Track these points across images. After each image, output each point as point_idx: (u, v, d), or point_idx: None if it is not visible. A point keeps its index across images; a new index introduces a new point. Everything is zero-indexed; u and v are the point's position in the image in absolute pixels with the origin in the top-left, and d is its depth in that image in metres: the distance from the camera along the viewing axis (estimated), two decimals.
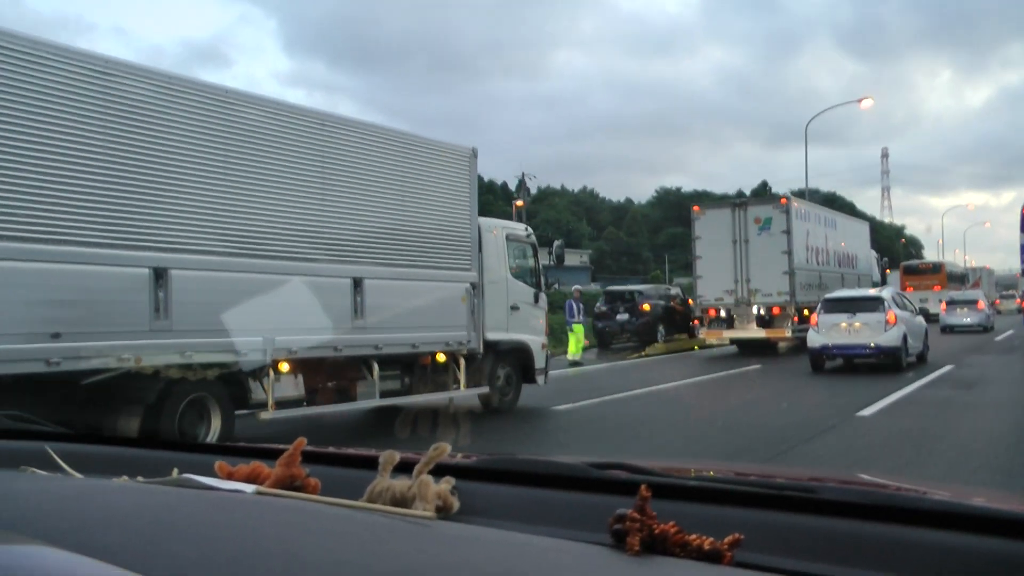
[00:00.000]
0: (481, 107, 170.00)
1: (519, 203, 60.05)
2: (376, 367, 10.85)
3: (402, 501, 1.37)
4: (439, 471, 1.45)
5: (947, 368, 19.43)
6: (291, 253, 9.69)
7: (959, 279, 55.07)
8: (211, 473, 1.50)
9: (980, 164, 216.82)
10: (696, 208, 26.96)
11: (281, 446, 1.59)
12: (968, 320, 37.40)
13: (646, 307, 30.04)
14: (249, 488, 1.41)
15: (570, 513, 1.37)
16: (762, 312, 24.97)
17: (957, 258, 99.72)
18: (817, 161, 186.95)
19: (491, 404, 12.89)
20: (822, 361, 19.97)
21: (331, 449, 1.94)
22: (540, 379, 13.99)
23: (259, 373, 9.52)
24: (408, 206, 11.23)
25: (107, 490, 1.31)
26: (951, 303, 38.70)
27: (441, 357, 11.98)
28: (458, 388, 12.19)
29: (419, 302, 11.23)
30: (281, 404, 9.91)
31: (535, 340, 13.80)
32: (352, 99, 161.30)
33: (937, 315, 38.55)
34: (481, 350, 12.48)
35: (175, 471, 1.51)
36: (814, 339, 19.90)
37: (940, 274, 52.41)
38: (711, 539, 1.09)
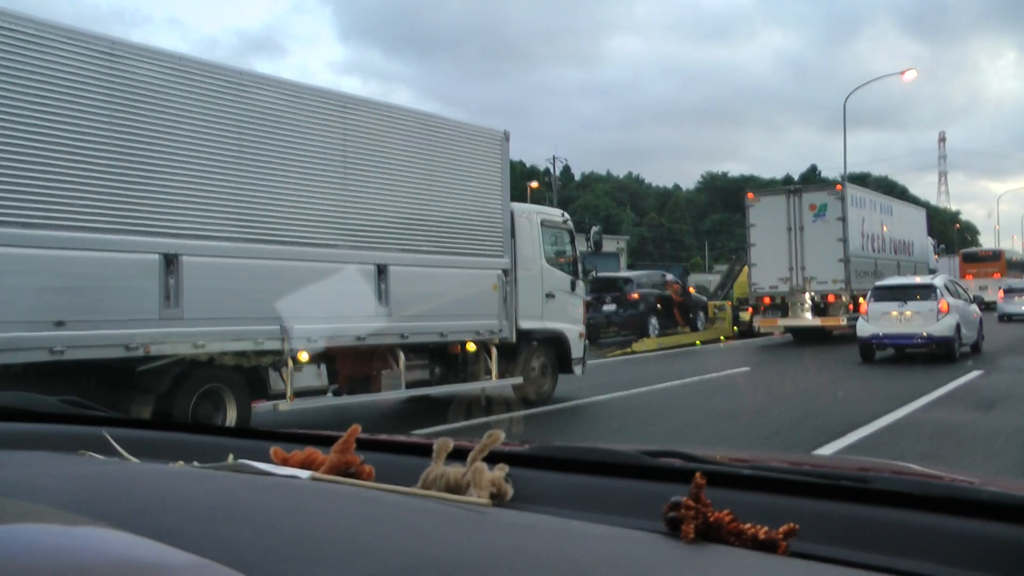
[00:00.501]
0: (535, 95, 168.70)
1: (534, 184, 59.09)
2: (403, 357, 10.53)
3: (456, 488, 1.38)
4: (492, 459, 1.45)
5: (1005, 360, 18.69)
6: (310, 239, 9.40)
7: (1019, 267, 53.93)
8: (266, 459, 1.51)
9: None
10: (751, 195, 26.77)
11: (335, 433, 1.60)
12: None
13: (635, 296, 27.55)
14: (304, 474, 1.41)
15: (624, 501, 1.37)
16: (817, 300, 24.66)
17: (1016, 244, 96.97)
18: (874, 145, 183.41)
19: (526, 395, 12.51)
20: (872, 351, 19.29)
21: (385, 436, 1.96)
22: (578, 369, 13.59)
23: (277, 363, 9.26)
24: (436, 191, 10.88)
25: (165, 475, 1.33)
26: (1009, 291, 37.93)
27: (471, 346, 11.63)
28: (490, 378, 11.84)
29: (448, 289, 10.90)
30: (302, 394, 9.67)
31: (572, 329, 13.39)
32: (408, 86, 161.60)
33: (995, 303, 38.05)
34: (514, 339, 12.10)
35: (231, 456, 1.53)
36: (864, 328, 19.24)
37: (1000, 261, 51.84)
38: (766, 528, 1.09)
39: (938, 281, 19.80)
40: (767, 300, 25.43)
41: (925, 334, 18.39)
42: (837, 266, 24.33)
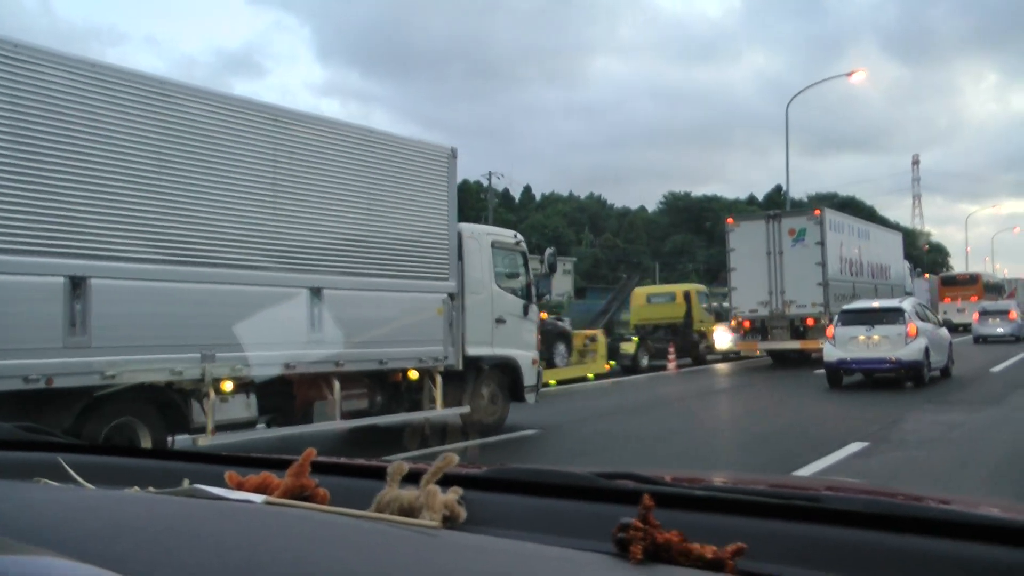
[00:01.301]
0: (518, 115, 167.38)
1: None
2: (338, 385, 9.90)
3: (410, 511, 1.37)
4: (447, 481, 1.45)
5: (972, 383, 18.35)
6: (237, 260, 8.77)
7: (995, 289, 55.85)
8: (221, 483, 1.50)
9: (1023, 171, 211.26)
10: (730, 220, 27.19)
11: (291, 457, 1.58)
12: (1000, 330, 37.45)
13: None
14: (258, 498, 1.41)
15: (576, 523, 1.37)
16: (796, 323, 24.99)
17: (987, 266, 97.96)
18: (855, 168, 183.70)
19: (474, 424, 11.91)
20: (839, 376, 18.89)
21: (340, 460, 1.94)
22: (531, 397, 13.04)
23: (198, 393, 8.61)
24: (376, 210, 10.28)
25: (118, 500, 1.32)
26: (983, 313, 39.18)
27: (413, 374, 11.03)
28: (434, 407, 11.22)
29: (388, 314, 10.30)
30: (228, 427, 9.01)
31: (524, 355, 12.84)
32: (387, 108, 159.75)
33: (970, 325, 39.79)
34: (461, 366, 11.51)
35: (186, 481, 1.53)
36: (830, 353, 18.79)
37: (977, 285, 53.39)
38: (714, 548, 1.10)
39: (906, 304, 19.40)
40: (747, 324, 25.69)
41: (893, 358, 17.95)
42: (816, 290, 24.70)
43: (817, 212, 25.92)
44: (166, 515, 1.19)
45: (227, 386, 8.83)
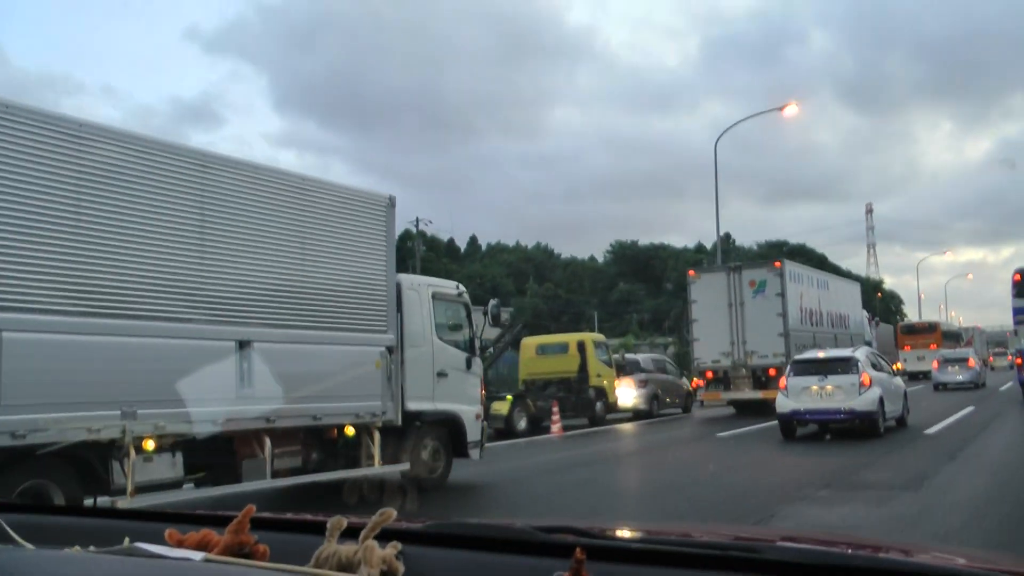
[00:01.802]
0: (476, 166, 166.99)
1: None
2: (268, 443, 9.44)
3: (348, 566, 1.38)
4: (386, 536, 1.47)
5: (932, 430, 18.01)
6: (159, 312, 8.35)
7: (954, 337, 57.58)
8: (162, 541, 1.51)
9: (978, 219, 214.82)
10: (692, 272, 27.60)
11: (232, 513, 1.57)
12: (960, 378, 38.13)
13: None
14: (198, 556, 1.42)
15: None
16: (759, 373, 25.26)
17: (941, 313, 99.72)
18: (812, 217, 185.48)
19: (415, 481, 11.46)
20: (793, 428, 18.66)
21: (280, 515, 1.95)
22: (475, 453, 12.64)
23: (117, 453, 8.12)
24: (310, 259, 9.93)
25: (58, 561, 1.34)
26: (943, 361, 39.89)
27: (350, 430, 10.59)
28: (372, 464, 10.78)
29: (322, 368, 9.90)
30: (152, 488, 8.51)
31: (468, 410, 12.46)
32: (344, 159, 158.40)
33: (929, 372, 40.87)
34: (400, 422, 11.10)
35: (126, 540, 1.52)
36: (783, 404, 18.58)
37: (935, 333, 54.70)
38: None
39: (859, 354, 19.25)
40: (709, 374, 26.02)
41: (847, 408, 17.75)
42: (777, 340, 25.06)
43: (777, 264, 26.37)
44: (105, 574, 1.21)
45: (150, 445, 8.35)
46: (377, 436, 10.77)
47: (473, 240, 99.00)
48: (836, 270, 60.88)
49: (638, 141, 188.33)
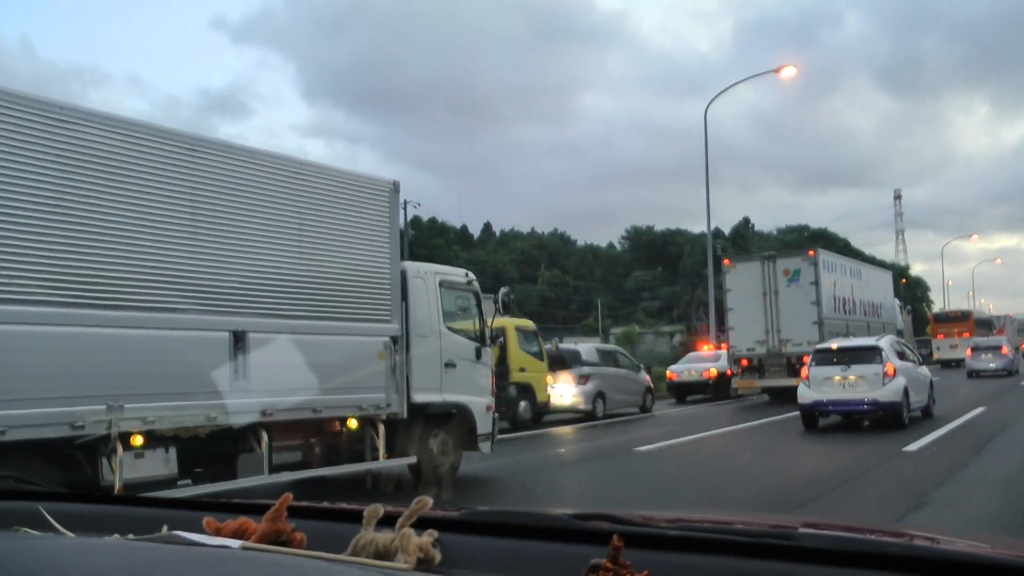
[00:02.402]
0: (505, 154, 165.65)
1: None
2: (266, 437, 9.10)
3: (384, 554, 1.39)
4: (422, 524, 1.47)
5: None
6: (148, 302, 8.01)
7: (986, 325, 57.92)
8: (199, 529, 1.52)
9: (1013, 204, 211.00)
10: (727, 261, 28.34)
11: (268, 501, 1.58)
12: (993, 365, 38.86)
13: None
14: (235, 543, 1.44)
15: (550, 564, 1.39)
16: (793, 361, 25.44)
17: (970, 300, 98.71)
18: (843, 203, 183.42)
19: (423, 475, 11.10)
20: (815, 419, 18.20)
21: (317, 504, 1.94)
22: (485, 446, 12.25)
23: (103, 449, 7.80)
24: (308, 247, 9.56)
25: (98, 549, 1.34)
26: (976, 349, 40.47)
27: (353, 423, 10.24)
28: (377, 458, 10.43)
29: (321, 359, 9.51)
30: (143, 485, 8.18)
31: (477, 401, 12.07)
32: (374, 148, 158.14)
33: (963, 360, 41.33)
34: (405, 414, 10.74)
35: (164, 528, 1.55)
36: (804, 394, 18.09)
37: (968, 321, 55.33)
38: None
39: (883, 342, 18.68)
40: (744, 362, 26.63)
41: (870, 399, 17.21)
42: (811, 328, 25.51)
43: (811, 253, 26.90)
44: (144, 562, 1.20)
45: (138, 440, 8.03)
46: (382, 429, 10.41)
47: (487, 227, 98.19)
48: (860, 255, 60.21)
49: (668, 127, 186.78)
